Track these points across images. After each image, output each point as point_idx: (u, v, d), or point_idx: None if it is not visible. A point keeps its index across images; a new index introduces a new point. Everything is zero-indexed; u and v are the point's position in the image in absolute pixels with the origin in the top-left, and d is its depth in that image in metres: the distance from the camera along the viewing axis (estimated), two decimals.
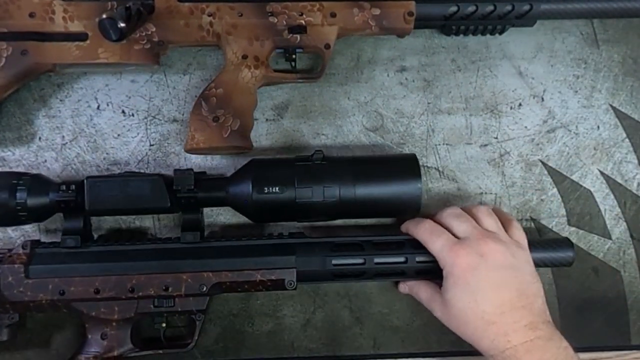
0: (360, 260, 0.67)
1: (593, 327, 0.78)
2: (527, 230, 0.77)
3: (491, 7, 0.71)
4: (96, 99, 0.74)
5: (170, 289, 0.66)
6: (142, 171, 0.74)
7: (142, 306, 0.66)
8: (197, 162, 0.75)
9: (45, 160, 0.74)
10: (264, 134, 0.76)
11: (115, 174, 0.68)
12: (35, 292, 0.64)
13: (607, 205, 0.78)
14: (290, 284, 0.66)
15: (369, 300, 0.76)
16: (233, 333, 0.75)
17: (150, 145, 0.75)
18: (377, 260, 0.67)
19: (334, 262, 0.67)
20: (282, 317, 0.75)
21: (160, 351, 0.69)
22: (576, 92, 0.78)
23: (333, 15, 0.70)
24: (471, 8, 0.71)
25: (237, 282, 0.66)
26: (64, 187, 0.64)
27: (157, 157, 0.75)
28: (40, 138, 0.74)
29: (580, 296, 0.78)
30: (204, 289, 0.66)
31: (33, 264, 0.65)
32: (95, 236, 0.72)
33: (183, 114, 0.75)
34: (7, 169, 0.73)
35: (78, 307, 0.65)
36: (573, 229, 0.78)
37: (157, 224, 0.75)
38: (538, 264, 0.70)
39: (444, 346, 0.76)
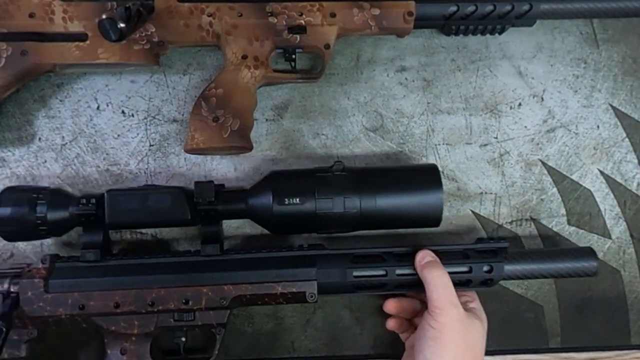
0: (381, 272, 0.66)
1: (593, 327, 0.78)
2: (527, 231, 0.77)
3: (491, 7, 0.71)
4: (96, 99, 0.74)
5: (190, 303, 0.64)
6: (161, 184, 0.72)
7: (162, 320, 0.65)
8: (197, 161, 0.75)
9: (45, 161, 0.74)
10: (264, 134, 0.76)
11: (135, 187, 0.67)
12: (55, 307, 0.63)
13: (607, 205, 0.78)
14: (312, 296, 0.65)
15: (369, 300, 0.76)
16: (233, 333, 0.75)
17: (150, 145, 0.75)
18: (398, 271, 0.66)
19: (354, 273, 0.66)
20: (282, 317, 0.75)
21: None
22: (576, 91, 0.78)
23: (333, 15, 0.70)
24: (471, 8, 0.71)
25: (257, 295, 0.65)
26: (84, 201, 0.63)
27: (157, 157, 0.75)
28: (40, 138, 0.74)
29: (580, 296, 0.78)
30: (224, 302, 0.65)
31: (53, 278, 0.64)
32: (115, 250, 0.72)
33: (183, 114, 0.75)
34: (7, 170, 0.73)
35: (97, 321, 0.64)
36: (573, 228, 0.78)
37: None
38: (562, 275, 0.69)
39: None
